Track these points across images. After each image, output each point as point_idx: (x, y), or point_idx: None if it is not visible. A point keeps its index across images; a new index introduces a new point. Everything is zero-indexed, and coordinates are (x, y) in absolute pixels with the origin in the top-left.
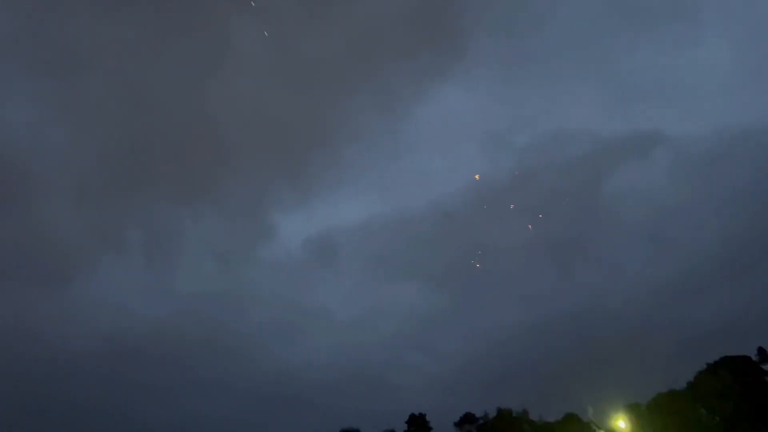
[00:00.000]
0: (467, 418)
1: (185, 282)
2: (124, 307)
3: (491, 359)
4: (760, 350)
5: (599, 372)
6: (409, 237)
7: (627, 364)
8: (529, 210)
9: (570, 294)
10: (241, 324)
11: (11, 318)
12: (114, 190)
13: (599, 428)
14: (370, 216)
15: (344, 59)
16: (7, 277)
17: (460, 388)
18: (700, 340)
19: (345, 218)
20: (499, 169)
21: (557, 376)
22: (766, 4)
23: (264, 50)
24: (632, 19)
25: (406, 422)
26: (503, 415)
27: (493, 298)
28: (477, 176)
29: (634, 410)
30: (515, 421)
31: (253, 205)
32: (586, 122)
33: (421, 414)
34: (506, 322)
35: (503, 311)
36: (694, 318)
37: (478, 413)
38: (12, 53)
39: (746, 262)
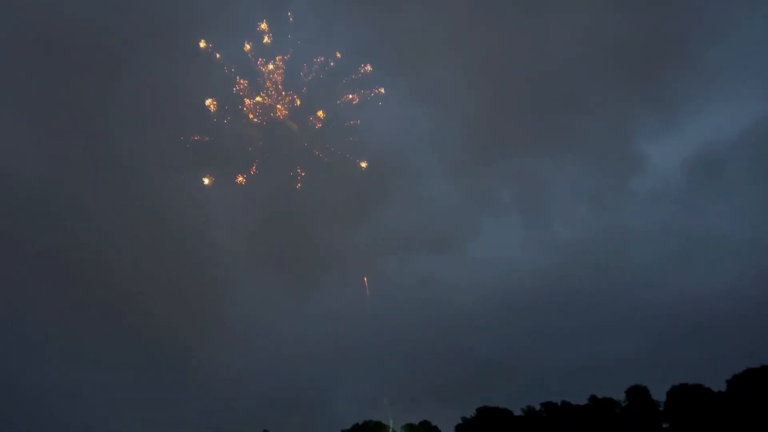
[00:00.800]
0: None
1: (562, 230)
2: (510, 262)
3: None
4: None
5: None
6: None
7: None
8: None
9: None
10: (626, 261)
11: (416, 285)
12: (480, 158)
13: None
14: (756, 119)
15: None
16: (410, 248)
17: None
18: None
19: (724, 129)
20: None
21: None
22: None
23: None
24: None
25: None
26: None
27: None
28: None
29: None
30: None
31: (615, 140)
32: None
33: None
34: None
35: None
36: None
37: None
38: (372, 60)
39: None
